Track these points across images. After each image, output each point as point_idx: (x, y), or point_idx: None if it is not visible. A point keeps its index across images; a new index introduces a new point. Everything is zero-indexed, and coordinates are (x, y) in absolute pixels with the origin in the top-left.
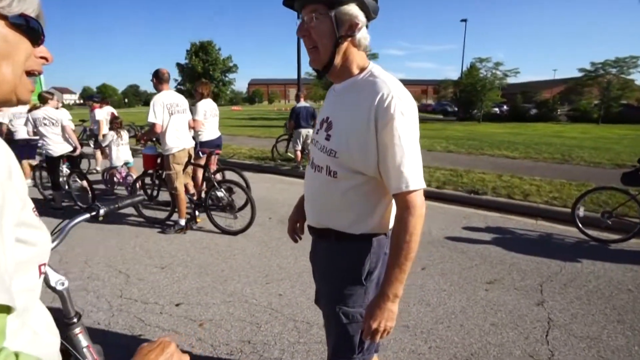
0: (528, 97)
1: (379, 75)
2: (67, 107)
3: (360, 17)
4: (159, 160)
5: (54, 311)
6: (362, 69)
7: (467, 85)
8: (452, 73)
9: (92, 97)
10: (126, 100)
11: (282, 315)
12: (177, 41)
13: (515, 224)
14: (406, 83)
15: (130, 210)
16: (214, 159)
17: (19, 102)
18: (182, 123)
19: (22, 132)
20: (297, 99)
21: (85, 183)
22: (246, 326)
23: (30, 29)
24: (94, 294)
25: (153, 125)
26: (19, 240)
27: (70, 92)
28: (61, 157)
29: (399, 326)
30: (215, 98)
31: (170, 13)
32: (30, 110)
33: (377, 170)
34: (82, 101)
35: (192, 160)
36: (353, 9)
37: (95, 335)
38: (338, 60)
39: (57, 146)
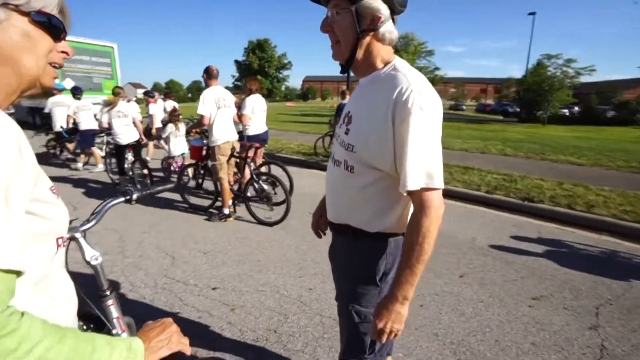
0: (605, 97)
1: (401, 69)
2: (139, 100)
3: (383, 10)
4: (204, 152)
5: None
6: (386, 63)
7: (532, 84)
8: (518, 72)
9: (148, 92)
10: (189, 95)
11: (309, 309)
12: (236, 39)
13: (574, 238)
14: (464, 81)
15: (191, 199)
16: (260, 152)
17: (43, 88)
18: (228, 117)
19: (85, 123)
20: (343, 95)
21: (145, 170)
22: (274, 316)
23: (52, 26)
24: (144, 271)
25: (202, 117)
26: (34, 214)
27: (142, 87)
28: (127, 145)
29: (428, 333)
30: (270, 94)
31: (231, 13)
32: (108, 105)
33: (394, 166)
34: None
35: (235, 153)
36: (375, 2)
37: (138, 308)
38: (360, 54)
39: (125, 136)
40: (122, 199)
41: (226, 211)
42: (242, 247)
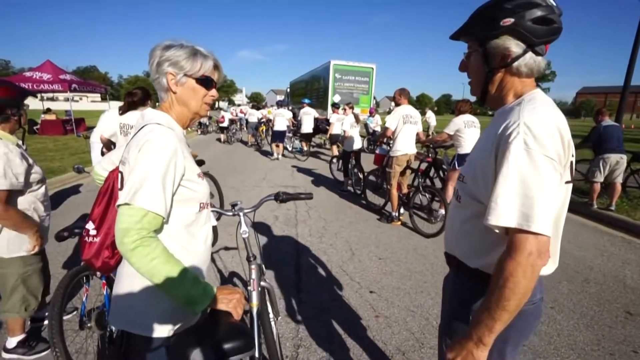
0: None
1: (525, 102)
2: (389, 111)
3: (513, 47)
4: (386, 161)
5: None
6: (518, 97)
7: None
8: None
9: (335, 104)
10: (436, 108)
11: None
12: None
13: None
14: None
15: (375, 199)
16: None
17: (200, 117)
18: (411, 132)
19: (278, 125)
20: (599, 114)
21: (360, 174)
22: (411, 339)
23: (207, 81)
24: (327, 257)
25: (387, 129)
26: (185, 187)
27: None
28: (352, 152)
29: None
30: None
31: None
32: (357, 120)
33: None
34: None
35: (411, 165)
36: (503, 41)
37: (308, 284)
38: (493, 90)
39: (352, 144)
40: (273, 198)
41: (394, 214)
42: (415, 263)
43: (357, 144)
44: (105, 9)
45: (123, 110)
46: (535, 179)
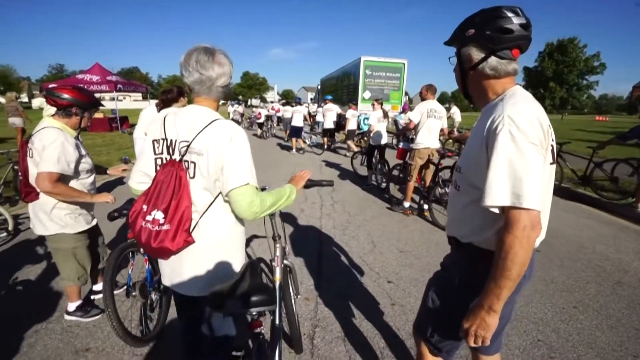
0: None
1: (507, 98)
2: (411, 108)
3: (474, 54)
4: (408, 154)
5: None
6: (498, 95)
7: None
8: None
9: (351, 100)
10: (472, 105)
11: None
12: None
13: None
14: None
15: (398, 194)
16: None
17: None
18: (435, 127)
19: (295, 121)
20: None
21: (385, 168)
22: None
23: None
24: (348, 248)
25: (410, 121)
26: None
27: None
28: (377, 146)
29: None
30: (562, 104)
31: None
32: (385, 115)
33: None
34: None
35: (433, 160)
36: (467, 49)
37: (328, 272)
38: (470, 89)
39: (378, 138)
40: None
41: (406, 205)
42: (436, 256)
43: (384, 139)
44: (146, 12)
45: (160, 107)
46: (522, 163)
